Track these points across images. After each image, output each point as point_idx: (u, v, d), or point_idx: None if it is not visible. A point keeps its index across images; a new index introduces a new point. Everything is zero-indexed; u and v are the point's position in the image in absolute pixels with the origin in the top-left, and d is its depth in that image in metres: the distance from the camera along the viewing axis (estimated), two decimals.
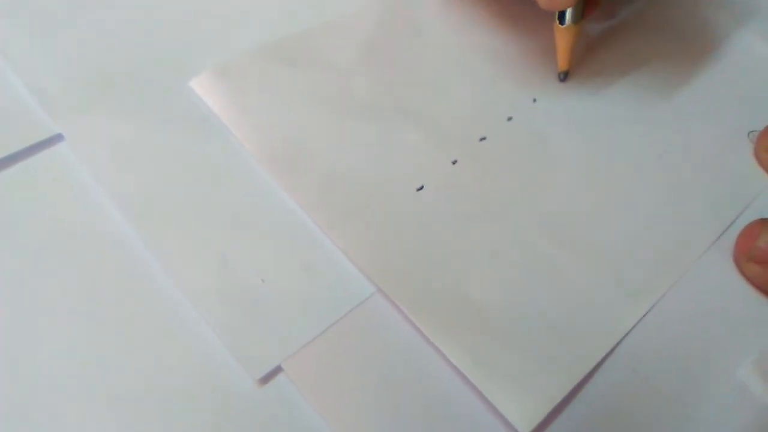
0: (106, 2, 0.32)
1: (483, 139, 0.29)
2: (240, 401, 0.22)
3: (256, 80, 0.30)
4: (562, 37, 0.31)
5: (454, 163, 0.28)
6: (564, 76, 0.32)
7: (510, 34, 0.34)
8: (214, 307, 0.24)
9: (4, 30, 0.30)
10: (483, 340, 0.24)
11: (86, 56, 0.30)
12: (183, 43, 0.31)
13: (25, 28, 0.30)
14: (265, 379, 0.23)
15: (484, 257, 0.26)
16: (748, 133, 0.32)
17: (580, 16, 0.31)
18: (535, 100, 0.31)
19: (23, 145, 0.27)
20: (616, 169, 0.30)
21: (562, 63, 0.32)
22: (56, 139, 0.27)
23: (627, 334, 0.25)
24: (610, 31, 0.35)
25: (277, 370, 0.23)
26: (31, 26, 0.30)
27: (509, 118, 0.30)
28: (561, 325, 0.25)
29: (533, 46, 0.34)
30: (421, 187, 0.27)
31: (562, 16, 0.31)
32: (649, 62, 0.34)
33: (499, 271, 0.26)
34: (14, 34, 0.30)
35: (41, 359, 0.22)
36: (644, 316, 0.25)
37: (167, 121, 0.28)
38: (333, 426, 0.22)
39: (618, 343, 0.25)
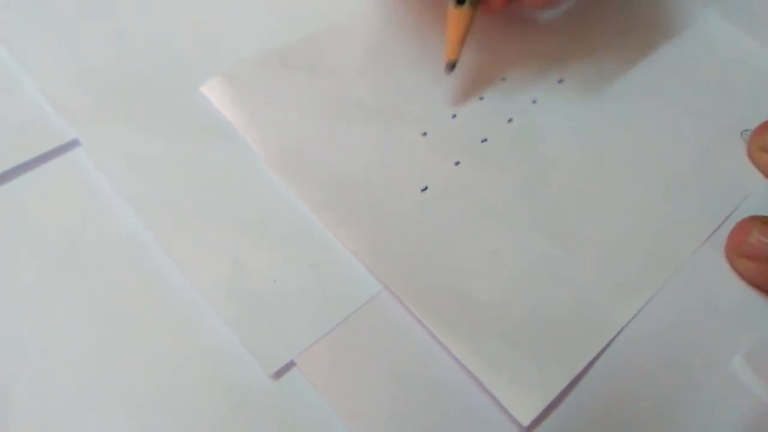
0: (119, 11, 0.33)
1: (484, 140, 0.30)
2: (255, 394, 0.23)
3: (264, 85, 0.31)
4: (456, 21, 0.30)
5: (456, 164, 0.29)
6: (452, 68, 0.31)
7: (509, 39, 0.34)
8: (229, 306, 0.25)
9: (20, 38, 0.31)
10: (485, 336, 0.25)
11: (100, 64, 0.31)
12: (194, 51, 0.32)
13: (39, 35, 0.31)
14: (279, 373, 0.24)
15: (486, 256, 0.27)
16: (741, 132, 0.32)
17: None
18: (534, 102, 0.32)
19: (41, 150, 0.28)
20: (613, 168, 0.31)
21: (452, 51, 0.30)
22: (73, 144, 0.28)
23: (622, 329, 0.26)
24: (602, 32, 0.36)
25: (290, 364, 0.24)
26: (46, 34, 0.31)
27: (510, 120, 0.31)
28: (559, 321, 0.26)
29: (531, 50, 0.34)
30: (426, 188, 0.28)
31: None
32: (643, 62, 0.35)
33: (500, 270, 0.27)
34: (29, 42, 0.31)
35: (63, 357, 0.24)
36: (639, 311, 0.26)
37: (180, 125, 0.29)
38: (343, 416, 0.23)
39: (613, 338, 0.26)
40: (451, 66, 0.31)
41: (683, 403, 0.25)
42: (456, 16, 0.30)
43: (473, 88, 0.32)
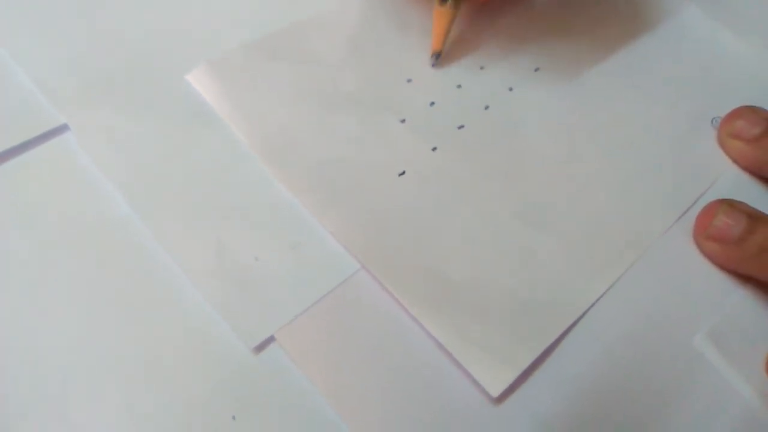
0: (108, 0, 0.33)
1: (461, 127, 0.31)
2: (237, 368, 0.24)
3: (248, 74, 0.32)
4: (439, 18, 0.33)
5: (433, 150, 0.30)
6: (436, 58, 0.33)
7: (487, 28, 0.35)
8: (212, 284, 0.26)
9: (8, 23, 0.31)
10: (458, 312, 0.26)
11: (87, 49, 0.31)
12: (181, 38, 0.32)
13: (27, 21, 0.32)
14: (260, 347, 0.25)
15: (461, 237, 0.28)
16: (712, 120, 0.34)
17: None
18: (511, 90, 0.33)
19: (30, 135, 0.28)
20: (587, 153, 0.31)
21: (436, 44, 0.33)
22: (62, 129, 0.29)
23: (591, 307, 0.27)
24: (579, 23, 0.37)
25: (270, 339, 0.25)
26: (34, 19, 0.32)
27: (486, 107, 0.32)
28: (529, 300, 0.27)
29: (508, 40, 0.35)
30: (403, 173, 0.29)
31: None
32: (619, 51, 0.36)
33: (474, 250, 0.28)
34: (17, 28, 0.31)
35: (53, 337, 0.24)
36: (608, 290, 0.27)
37: (166, 111, 0.30)
38: (321, 389, 0.24)
39: (582, 316, 0.27)
40: (436, 56, 0.33)
41: (648, 379, 0.26)
42: (440, 13, 0.33)
43: (451, 76, 0.33)
